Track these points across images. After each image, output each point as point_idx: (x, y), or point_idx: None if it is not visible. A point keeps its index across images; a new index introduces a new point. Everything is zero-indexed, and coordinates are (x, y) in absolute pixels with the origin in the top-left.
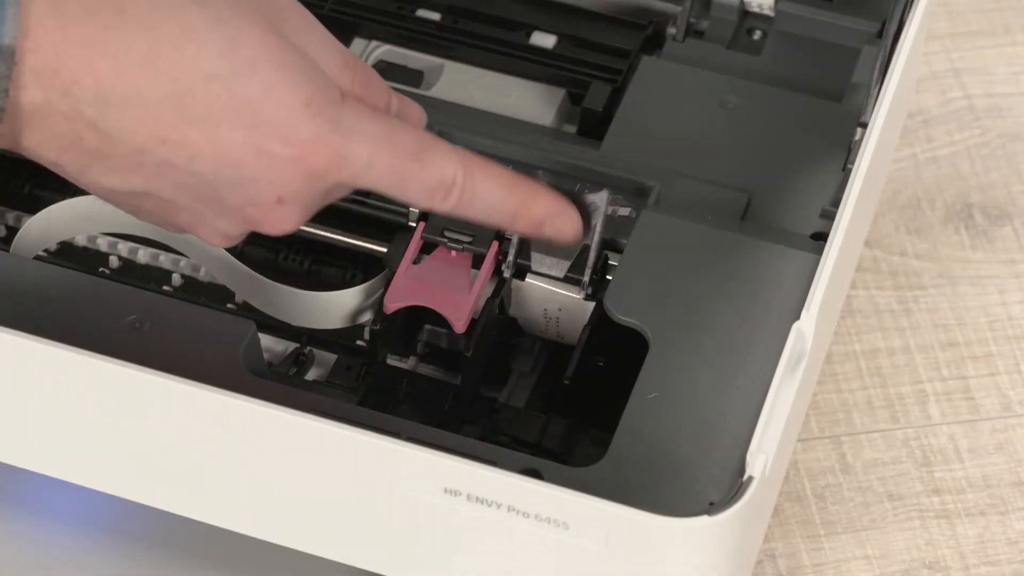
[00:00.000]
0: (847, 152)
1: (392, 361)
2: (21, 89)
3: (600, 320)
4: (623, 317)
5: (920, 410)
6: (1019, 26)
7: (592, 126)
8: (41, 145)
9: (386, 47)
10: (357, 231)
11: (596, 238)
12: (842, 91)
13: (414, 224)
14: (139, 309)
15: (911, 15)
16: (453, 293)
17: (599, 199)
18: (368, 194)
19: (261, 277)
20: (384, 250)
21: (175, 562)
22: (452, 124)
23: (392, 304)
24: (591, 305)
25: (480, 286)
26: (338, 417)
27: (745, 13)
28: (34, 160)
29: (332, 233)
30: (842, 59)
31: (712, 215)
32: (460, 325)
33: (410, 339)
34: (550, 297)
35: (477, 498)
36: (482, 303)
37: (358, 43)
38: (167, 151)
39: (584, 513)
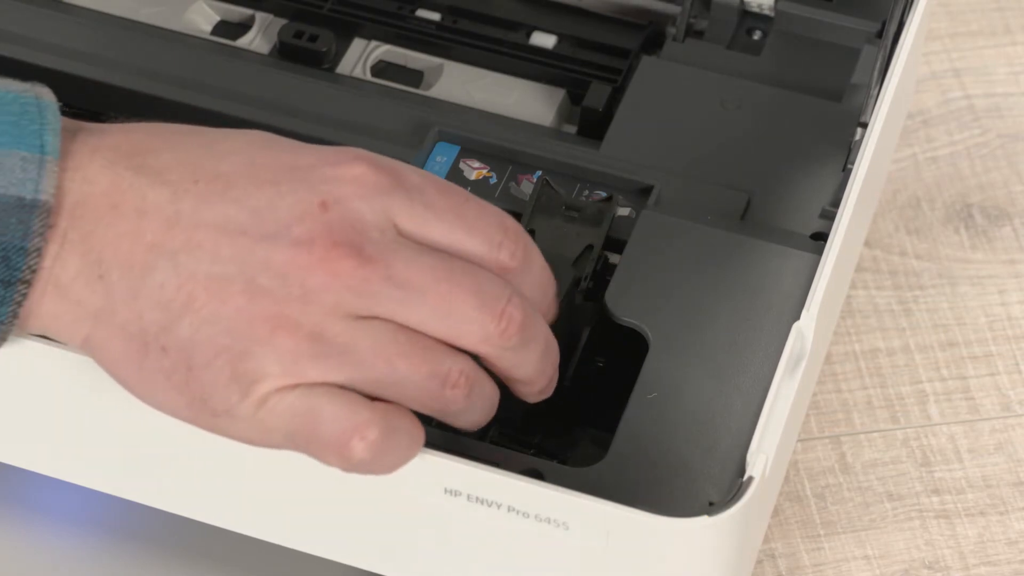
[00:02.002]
0: (847, 152)
1: None
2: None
3: (600, 320)
4: (623, 317)
5: (920, 410)
6: (1019, 26)
7: (592, 126)
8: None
9: (386, 47)
10: None
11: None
12: (842, 91)
13: None
14: None
15: (911, 15)
16: None
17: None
18: None
19: None
20: None
21: (175, 562)
22: (452, 124)
23: None
24: None
25: None
26: None
27: (745, 13)
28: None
29: None
30: (842, 59)
31: (712, 215)
32: None
33: None
34: None
35: (477, 498)
36: None
37: (358, 43)
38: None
39: (584, 513)
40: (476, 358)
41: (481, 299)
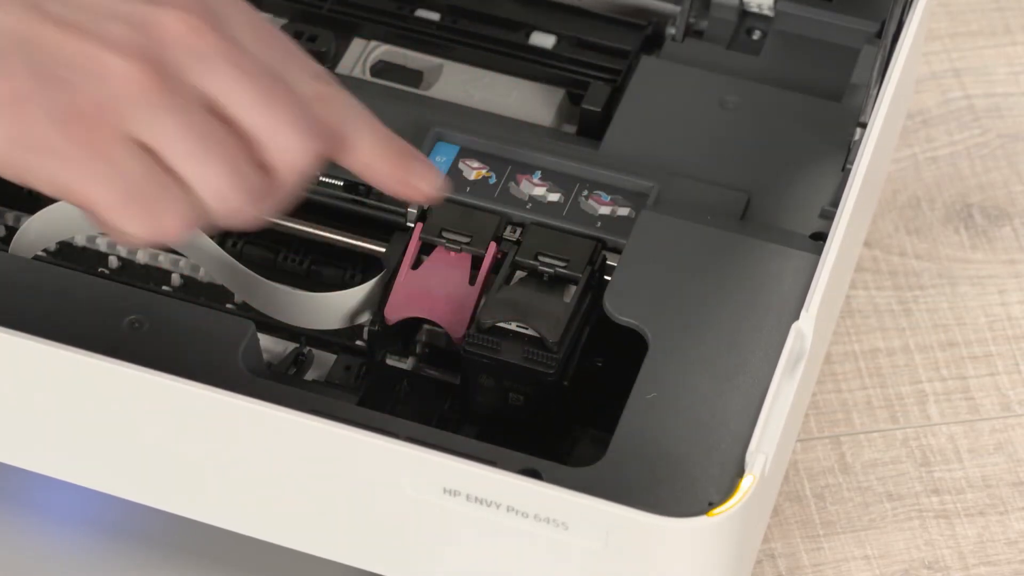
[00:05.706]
0: (846, 152)
1: (391, 361)
2: None
3: (600, 320)
4: (623, 317)
5: (920, 410)
6: (1019, 26)
7: (592, 126)
8: None
9: (386, 47)
10: (355, 231)
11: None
12: (842, 91)
13: (412, 225)
14: (139, 309)
15: (911, 15)
16: (452, 302)
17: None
18: (368, 194)
19: (260, 278)
20: (383, 250)
21: (175, 562)
22: (452, 124)
23: (393, 316)
24: None
25: (477, 293)
26: (338, 417)
27: (744, 13)
28: None
29: (331, 233)
30: (842, 59)
31: (712, 215)
32: (458, 334)
33: (409, 340)
34: None
35: (476, 498)
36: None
37: (358, 43)
38: None
39: (584, 513)
40: None
41: (297, 112)
